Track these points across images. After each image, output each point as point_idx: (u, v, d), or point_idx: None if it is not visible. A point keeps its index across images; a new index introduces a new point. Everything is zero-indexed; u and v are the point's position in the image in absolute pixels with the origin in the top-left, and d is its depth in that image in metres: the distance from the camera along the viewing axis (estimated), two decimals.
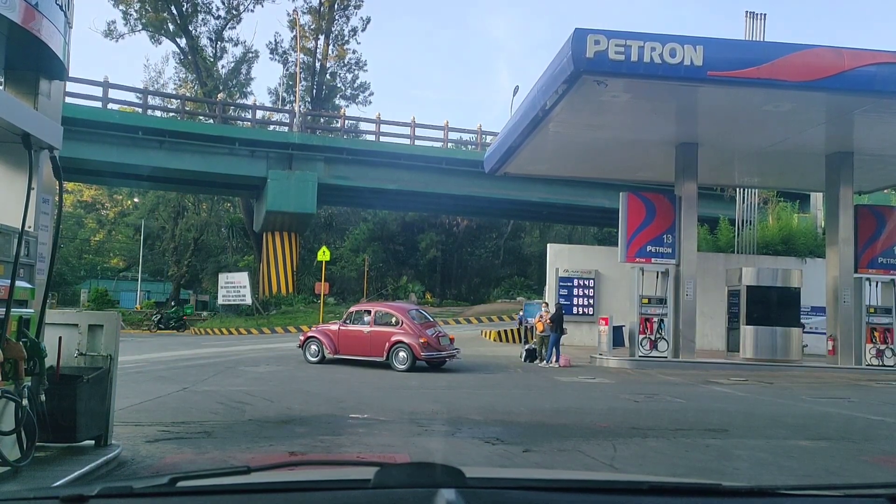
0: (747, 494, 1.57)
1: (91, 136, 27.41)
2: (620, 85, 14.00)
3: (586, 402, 10.43)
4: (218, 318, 34.48)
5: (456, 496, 1.36)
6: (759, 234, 25.01)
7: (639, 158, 20.13)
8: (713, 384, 13.48)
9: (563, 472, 4.38)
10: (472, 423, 7.97)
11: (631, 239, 17.60)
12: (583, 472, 5.02)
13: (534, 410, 9.34)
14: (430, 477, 1.46)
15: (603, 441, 6.93)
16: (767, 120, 15.74)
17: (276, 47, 43.11)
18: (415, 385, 12.18)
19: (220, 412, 8.43)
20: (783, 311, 17.77)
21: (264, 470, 1.80)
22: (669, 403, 10.45)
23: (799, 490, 1.55)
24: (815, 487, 1.70)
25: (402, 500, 1.41)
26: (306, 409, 9.06)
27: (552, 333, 16.72)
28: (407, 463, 1.65)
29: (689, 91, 14.44)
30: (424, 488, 1.40)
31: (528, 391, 12.10)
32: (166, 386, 11.33)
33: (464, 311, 35.19)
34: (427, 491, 1.39)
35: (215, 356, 17.97)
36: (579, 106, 15.44)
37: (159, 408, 8.91)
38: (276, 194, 31.05)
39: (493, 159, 21.32)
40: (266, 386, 11.71)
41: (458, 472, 1.47)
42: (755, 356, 17.50)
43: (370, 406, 9.45)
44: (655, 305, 17.41)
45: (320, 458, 5.90)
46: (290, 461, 4.23)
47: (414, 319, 14.93)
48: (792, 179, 22.52)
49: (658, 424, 8.17)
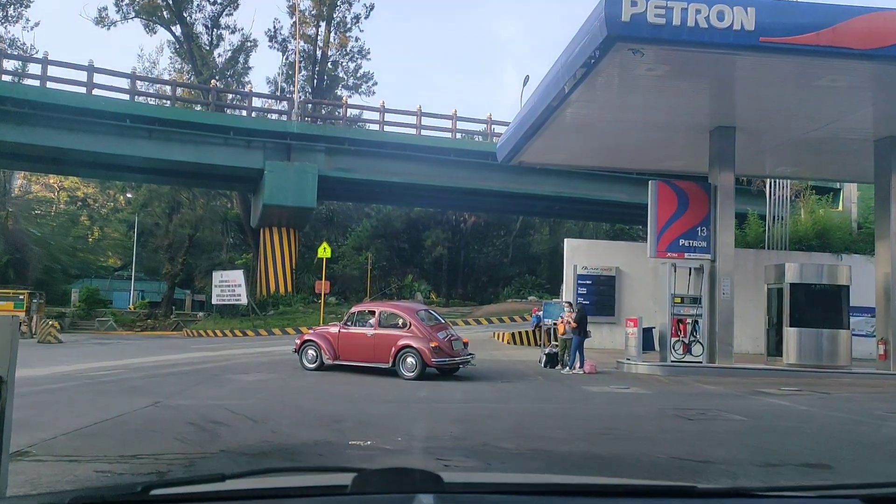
0: (723, 495, 1.66)
1: (75, 125, 25.81)
2: (658, 55, 12.29)
3: (631, 422, 8.73)
4: (212, 319, 32.87)
5: (434, 501, 1.37)
6: (791, 228, 23.33)
7: (666, 146, 18.45)
8: (764, 395, 11.76)
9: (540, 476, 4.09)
10: (504, 455, 6.29)
11: (662, 232, 15.92)
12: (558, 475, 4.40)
13: (574, 433, 7.65)
14: (407, 482, 1.46)
15: None
16: (817, 98, 14.04)
17: (275, 34, 41.37)
18: (426, 397, 10.52)
19: (187, 438, 6.76)
20: (830, 311, 16.04)
21: (240, 477, 1.71)
22: (730, 423, 8.75)
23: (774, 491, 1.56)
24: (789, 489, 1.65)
25: None
26: (295, 432, 7.40)
27: (575, 336, 15.02)
28: (384, 468, 1.56)
29: (733, 63, 12.75)
30: (402, 494, 1.42)
31: (558, 405, 10.42)
32: (136, 399, 9.68)
33: (472, 312, 33.45)
34: (405, 496, 1.40)
35: (203, 361, 16.34)
36: (606, 83, 13.77)
37: (114, 432, 7.25)
38: (274, 187, 29.36)
39: (506, 147, 19.63)
40: (252, 399, 10.05)
41: (436, 477, 1.47)
42: (799, 361, 15.78)
43: (374, 427, 7.79)
44: (689, 305, 15.75)
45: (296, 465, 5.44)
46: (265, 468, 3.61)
47: (423, 321, 13.25)
48: (830, 169, 20.80)
49: (736, 456, 6.47)
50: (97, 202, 48.16)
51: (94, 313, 37.37)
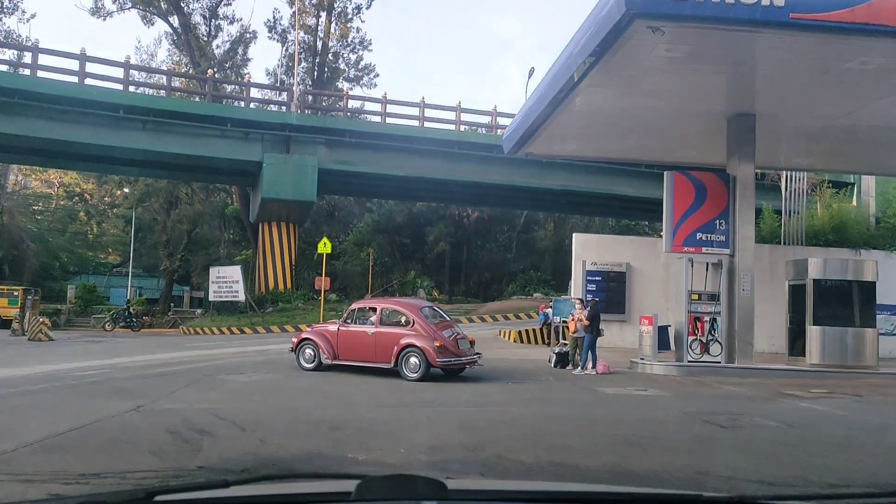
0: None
1: (66, 115, 24.97)
2: (678, 34, 11.45)
3: (658, 429, 7.94)
4: (209, 316, 32.11)
5: None
6: (807, 223, 22.49)
7: (679, 135, 17.68)
8: (792, 398, 10.96)
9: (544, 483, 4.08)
10: (523, 471, 5.51)
11: (678, 225, 15.14)
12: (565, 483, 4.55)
13: (596, 444, 6.86)
14: (411, 489, 1.47)
15: None
16: (845, 83, 13.20)
17: (274, 25, 40.32)
18: (431, 400, 9.75)
19: (164, 451, 5.99)
20: (856, 308, 15.27)
21: (244, 483, 1.70)
22: (767, 430, 7.96)
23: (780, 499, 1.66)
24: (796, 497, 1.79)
25: None
26: (287, 442, 6.63)
27: (587, 335, 14.23)
28: (388, 475, 1.60)
29: (758, 43, 11.92)
30: (406, 501, 1.43)
31: (574, 409, 9.65)
32: (118, 402, 8.93)
33: (476, 309, 32.62)
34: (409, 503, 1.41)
35: (196, 360, 15.58)
36: (620, 67, 12.92)
37: (84, 442, 6.50)
38: (272, 180, 28.51)
39: (513, 138, 18.78)
40: (244, 403, 9.30)
41: (440, 483, 1.47)
42: (822, 361, 14.98)
43: (375, 436, 7.02)
44: (707, 302, 14.98)
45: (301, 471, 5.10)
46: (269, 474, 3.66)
47: (427, 318, 12.47)
48: (851, 161, 19.94)
49: (792, 474, 5.65)
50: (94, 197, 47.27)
51: (90, 310, 36.63)
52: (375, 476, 1.54)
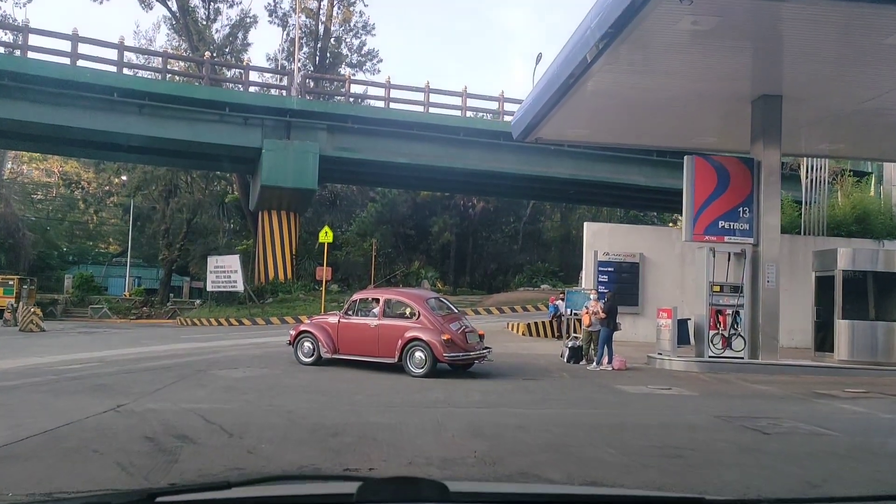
0: None
1: (58, 98, 24.13)
2: (708, 3, 10.58)
3: (694, 437, 7.11)
4: (207, 306, 31.34)
5: None
6: (829, 213, 21.62)
7: (699, 118, 16.75)
8: (828, 398, 10.13)
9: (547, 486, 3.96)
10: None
11: (699, 213, 14.28)
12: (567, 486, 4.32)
13: (630, 454, 6.04)
14: (413, 491, 1.46)
15: None
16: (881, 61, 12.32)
17: (274, 9, 39.46)
18: (438, 400, 8.95)
19: (134, 464, 5.17)
20: (886, 301, 14.43)
21: (245, 485, 1.69)
22: (818, 438, 7.14)
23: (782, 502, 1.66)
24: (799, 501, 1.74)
25: None
26: (279, 452, 5.82)
27: (603, 329, 13.40)
28: (390, 477, 1.58)
29: (791, 15, 11.04)
30: (408, 503, 1.42)
31: (596, 411, 8.83)
32: (96, 401, 8.15)
33: (482, 301, 31.79)
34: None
35: (189, 353, 14.82)
36: (640, 44, 12.05)
37: (48, 450, 5.70)
38: (272, 167, 27.66)
39: (523, 122, 17.89)
40: (235, 403, 8.50)
41: (441, 486, 1.45)
42: (851, 357, 14.16)
43: (378, 445, 6.22)
44: (729, 294, 14.14)
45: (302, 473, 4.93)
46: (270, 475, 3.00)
47: (433, 310, 11.66)
48: (877, 147, 18.99)
49: (861, 493, 4.85)
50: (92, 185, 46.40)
51: (87, 300, 35.92)
52: (377, 478, 1.54)
